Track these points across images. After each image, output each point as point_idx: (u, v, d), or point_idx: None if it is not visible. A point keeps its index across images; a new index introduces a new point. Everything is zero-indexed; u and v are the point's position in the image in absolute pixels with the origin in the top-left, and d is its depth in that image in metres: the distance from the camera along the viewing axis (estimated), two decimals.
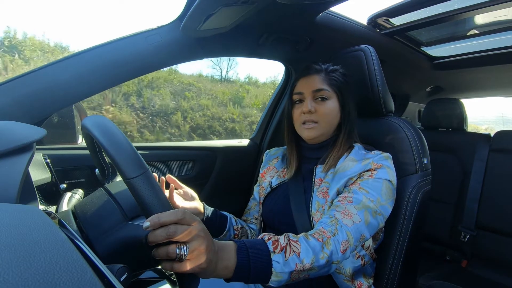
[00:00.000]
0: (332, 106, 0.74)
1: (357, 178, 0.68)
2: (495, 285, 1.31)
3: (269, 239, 0.52)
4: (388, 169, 0.68)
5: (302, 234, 0.57)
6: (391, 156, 0.71)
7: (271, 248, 0.50)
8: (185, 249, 0.40)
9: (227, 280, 0.48)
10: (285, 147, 0.88)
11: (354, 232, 0.59)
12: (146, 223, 0.39)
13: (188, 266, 0.40)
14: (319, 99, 0.74)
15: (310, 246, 0.54)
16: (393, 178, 0.69)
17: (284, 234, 0.55)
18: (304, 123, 0.75)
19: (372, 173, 0.67)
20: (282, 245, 0.51)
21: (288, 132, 0.83)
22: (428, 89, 2.00)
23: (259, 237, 0.54)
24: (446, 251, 1.54)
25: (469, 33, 1.31)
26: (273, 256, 0.49)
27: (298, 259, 0.51)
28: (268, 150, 0.94)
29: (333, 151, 0.74)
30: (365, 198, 0.63)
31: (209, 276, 0.44)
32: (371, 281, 0.73)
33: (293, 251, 0.52)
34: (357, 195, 0.64)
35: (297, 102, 0.78)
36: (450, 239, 1.53)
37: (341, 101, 0.75)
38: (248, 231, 0.85)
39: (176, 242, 0.40)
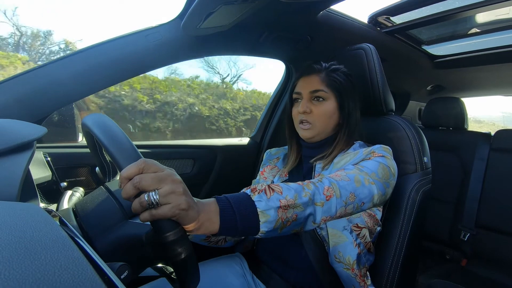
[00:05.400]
0: (328, 107, 0.74)
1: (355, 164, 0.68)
2: (495, 284, 1.31)
3: (246, 189, 0.51)
4: (387, 158, 0.68)
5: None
6: (391, 150, 0.72)
7: (249, 192, 0.49)
8: (153, 194, 0.38)
9: (215, 235, 0.46)
10: (286, 147, 0.89)
11: (341, 186, 0.57)
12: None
13: (166, 210, 0.39)
14: (316, 99, 0.74)
15: (291, 186, 0.52)
16: (392, 166, 0.67)
17: (260, 184, 0.53)
18: (301, 122, 0.76)
19: (371, 157, 0.67)
20: (260, 189, 0.50)
21: (289, 130, 0.84)
22: (428, 87, 2.00)
23: None
24: (446, 250, 1.54)
25: (470, 32, 1.31)
26: (254, 197, 0.48)
27: (280, 196, 0.49)
28: (269, 150, 0.95)
29: (332, 150, 0.75)
30: (358, 170, 0.62)
31: (193, 223, 0.42)
32: (364, 270, 0.72)
33: (273, 190, 0.50)
34: (351, 169, 0.63)
35: (296, 101, 0.79)
36: (450, 238, 1.53)
37: (340, 101, 0.75)
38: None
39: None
